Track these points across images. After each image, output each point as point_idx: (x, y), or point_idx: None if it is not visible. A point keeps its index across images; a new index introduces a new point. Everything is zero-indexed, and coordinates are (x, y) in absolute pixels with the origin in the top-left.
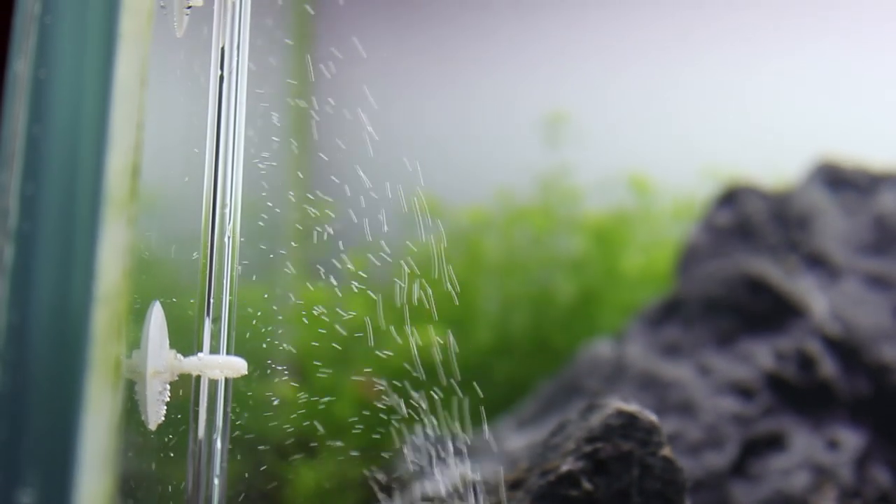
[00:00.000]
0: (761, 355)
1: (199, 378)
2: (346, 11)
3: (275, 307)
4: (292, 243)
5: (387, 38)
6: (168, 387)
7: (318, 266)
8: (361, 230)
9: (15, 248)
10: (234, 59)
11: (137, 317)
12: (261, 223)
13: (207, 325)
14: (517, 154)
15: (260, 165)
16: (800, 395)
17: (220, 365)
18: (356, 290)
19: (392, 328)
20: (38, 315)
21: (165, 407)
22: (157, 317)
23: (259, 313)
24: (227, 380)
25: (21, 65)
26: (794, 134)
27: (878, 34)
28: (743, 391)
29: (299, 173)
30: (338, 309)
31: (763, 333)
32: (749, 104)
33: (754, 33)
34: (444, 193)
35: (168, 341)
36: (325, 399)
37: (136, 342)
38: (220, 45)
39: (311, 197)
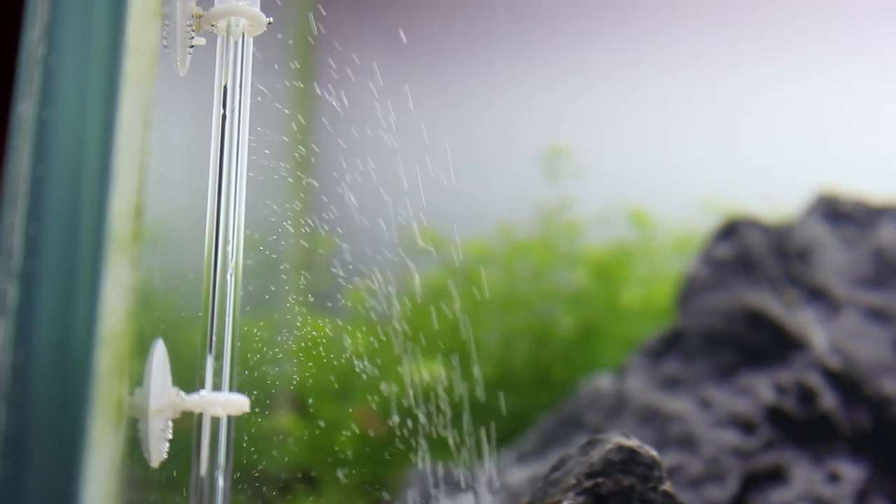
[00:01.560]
0: (762, 388)
1: (201, 415)
2: (346, 46)
3: (277, 341)
4: (293, 276)
5: (387, 72)
6: (170, 424)
7: (319, 299)
8: (362, 263)
9: (19, 289)
10: (237, 97)
11: (140, 354)
12: (262, 256)
13: (210, 363)
14: (518, 188)
15: (261, 196)
16: (800, 428)
17: (221, 403)
18: (357, 323)
19: (393, 360)
20: (42, 355)
21: (168, 444)
22: (159, 354)
23: (261, 347)
24: (229, 417)
25: (26, 106)
26: (793, 167)
27: (878, 67)
28: (743, 424)
29: (300, 207)
30: (339, 341)
31: (763, 366)
32: (749, 138)
33: (754, 67)
34: (445, 227)
35: (170, 378)
36: (327, 431)
37: (138, 379)
38: (223, 84)
39: (313, 230)
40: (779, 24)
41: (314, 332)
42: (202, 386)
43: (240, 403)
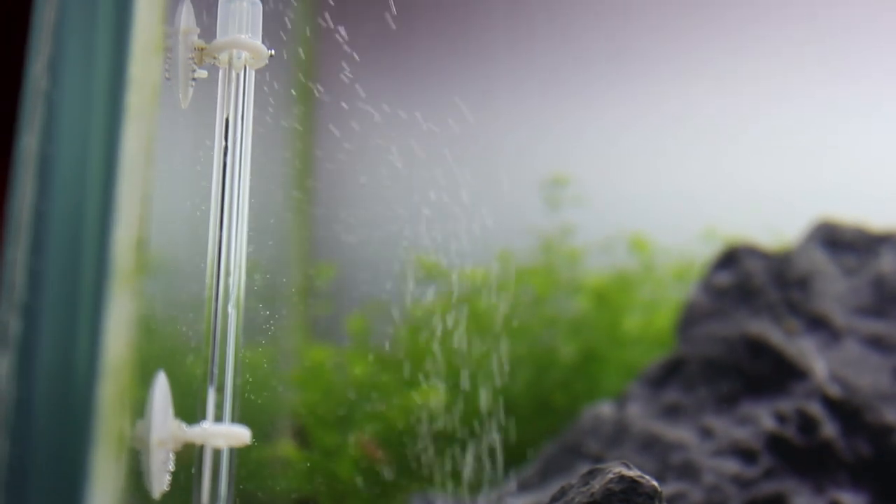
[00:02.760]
0: (762, 417)
1: (203, 446)
2: (349, 77)
3: (278, 369)
4: (294, 305)
5: (389, 101)
6: (172, 455)
7: (320, 328)
8: (363, 292)
9: (21, 322)
10: (239, 130)
11: (142, 384)
12: (264, 285)
13: (211, 395)
14: (519, 216)
15: (263, 224)
16: (801, 456)
17: (223, 434)
18: (358, 351)
19: (394, 388)
20: (44, 388)
21: (170, 475)
22: (161, 386)
23: (262, 376)
24: (230, 448)
25: (29, 140)
26: (795, 195)
27: (880, 95)
28: (744, 453)
29: (302, 236)
30: (340, 369)
31: (764, 395)
32: (750, 166)
33: (754, 96)
34: (446, 255)
35: (172, 410)
36: (328, 459)
37: (140, 410)
38: (225, 117)
39: (314, 260)
40: (779, 52)
41: (314, 361)
42: (204, 417)
43: (241, 435)
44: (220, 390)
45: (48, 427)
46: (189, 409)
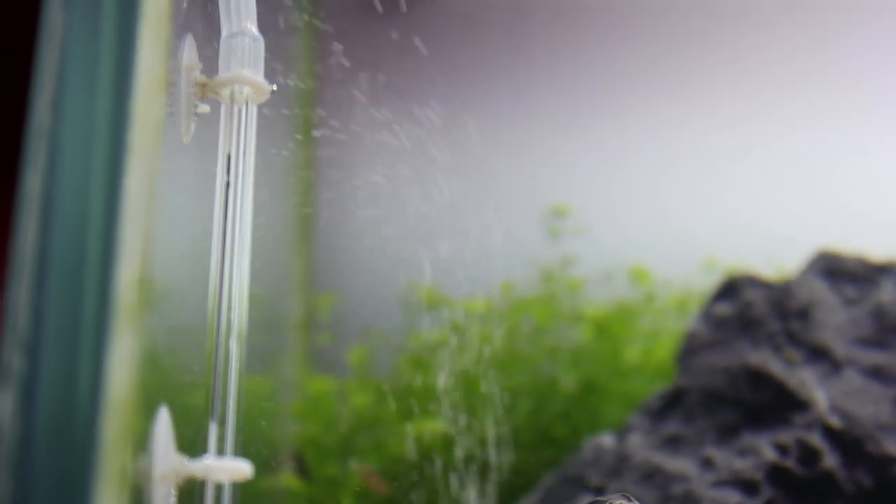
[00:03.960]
0: (763, 448)
1: (205, 480)
2: (347, 106)
3: (279, 400)
4: (295, 335)
5: (388, 131)
6: (174, 490)
7: (321, 359)
8: (364, 323)
9: (24, 359)
10: (241, 164)
11: (145, 418)
12: (265, 316)
13: (213, 429)
14: (519, 247)
15: (265, 260)
16: (802, 487)
17: (225, 469)
18: (359, 382)
19: (396, 419)
20: (47, 424)
21: None
22: (163, 421)
23: (264, 408)
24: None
25: (32, 177)
26: (796, 225)
27: (880, 125)
28: (745, 484)
29: (303, 268)
30: (341, 400)
31: (765, 426)
32: (750, 196)
33: (753, 126)
34: (446, 285)
35: (174, 444)
36: (329, 491)
37: (142, 444)
38: (227, 152)
39: (314, 291)
40: (780, 83)
41: (315, 391)
42: (206, 451)
43: (243, 470)
44: (222, 424)
45: (50, 463)
46: (192, 443)
